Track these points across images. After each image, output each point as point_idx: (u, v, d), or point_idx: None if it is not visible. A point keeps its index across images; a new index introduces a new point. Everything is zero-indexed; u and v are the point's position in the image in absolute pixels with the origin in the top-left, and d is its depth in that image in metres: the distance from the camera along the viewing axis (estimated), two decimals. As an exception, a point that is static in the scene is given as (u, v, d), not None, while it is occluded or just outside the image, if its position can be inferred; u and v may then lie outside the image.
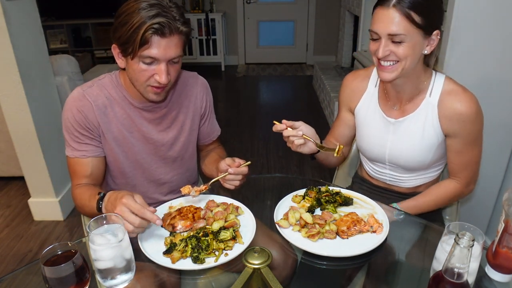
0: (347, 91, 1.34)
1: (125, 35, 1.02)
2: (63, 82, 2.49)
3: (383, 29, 1.04)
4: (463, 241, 0.67)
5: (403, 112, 1.22)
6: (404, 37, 1.03)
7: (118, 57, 1.12)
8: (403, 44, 1.04)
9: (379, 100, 1.27)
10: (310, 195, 1.18)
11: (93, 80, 1.21)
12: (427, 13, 1.03)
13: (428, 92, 1.17)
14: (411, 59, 1.07)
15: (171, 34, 1.03)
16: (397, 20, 1.02)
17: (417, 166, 1.25)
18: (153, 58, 1.04)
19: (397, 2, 1.01)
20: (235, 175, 1.13)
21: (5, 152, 2.64)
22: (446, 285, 0.71)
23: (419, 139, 1.20)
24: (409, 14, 1.01)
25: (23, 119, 2.12)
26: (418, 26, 1.02)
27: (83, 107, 1.14)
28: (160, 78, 1.06)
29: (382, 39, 1.05)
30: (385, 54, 1.06)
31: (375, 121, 1.27)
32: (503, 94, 1.66)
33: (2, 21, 1.89)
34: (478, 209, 1.91)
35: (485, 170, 1.80)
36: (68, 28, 5.46)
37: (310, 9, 5.82)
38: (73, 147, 1.17)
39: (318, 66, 4.76)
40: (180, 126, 1.29)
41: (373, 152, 1.30)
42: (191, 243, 0.95)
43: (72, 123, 1.15)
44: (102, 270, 0.83)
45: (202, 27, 5.68)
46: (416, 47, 1.06)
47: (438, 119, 1.16)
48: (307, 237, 1.01)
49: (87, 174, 1.18)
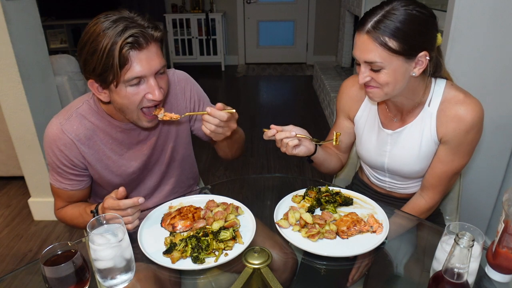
0: (345, 98, 1.30)
1: (99, 64, 0.92)
2: (63, 82, 2.49)
3: (359, 56, 1.00)
4: (463, 241, 0.67)
5: (401, 123, 1.19)
6: (381, 64, 0.98)
7: (98, 92, 1.01)
8: (382, 71, 0.99)
9: (379, 111, 1.24)
10: (310, 195, 1.18)
11: (70, 109, 1.11)
12: (406, 38, 0.96)
13: (427, 102, 1.13)
14: (393, 85, 1.02)
15: (148, 44, 0.94)
16: (371, 48, 0.97)
17: (415, 174, 1.24)
18: (139, 77, 0.95)
19: (372, 28, 0.96)
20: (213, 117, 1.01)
21: (5, 152, 2.64)
22: (446, 285, 0.71)
23: (417, 149, 1.17)
24: (385, 42, 0.95)
25: (23, 119, 2.12)
26: (397, 52, 0.96)
27: (64, 145, 1.07)
28: (153, 95, 0.98)
29: (362, 65, 1.01)
30: (365, 81, 1.03)
31: (374, 132, 1.25)
32: (503, 94, 1.66)
33: (2, 21, 1.89)
34: (478, 209, 1.91)
35: (485, 170, 1.81)
36: (68, 28, 5.46)
37: (310, 9, 5.82)
38: (56, 178, 1.14)
39: (318, 66, 4.76)
40: (167, 131, 1.23)
41: (372, 161, 1.29)
42: (191, 243, 0.95)
43: (54, 160, 1.10)
44: (102, 270, 0.83)
45: (202, 27, 5.68)
46: (397, 72, 1.00)
47: (435, 124, 1.13)
48: (307, 237, 1.01)
49: (70, 201, 1.19)
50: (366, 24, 0.97)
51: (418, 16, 0.97)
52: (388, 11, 0.96)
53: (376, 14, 0.97)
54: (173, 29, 5.70)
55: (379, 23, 0.95)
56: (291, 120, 4.36)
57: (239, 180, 1.39)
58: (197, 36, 5.73)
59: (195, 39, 5.75)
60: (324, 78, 4.24)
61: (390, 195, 1.36)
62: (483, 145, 1.74)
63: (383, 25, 0.95)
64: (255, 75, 5.74)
